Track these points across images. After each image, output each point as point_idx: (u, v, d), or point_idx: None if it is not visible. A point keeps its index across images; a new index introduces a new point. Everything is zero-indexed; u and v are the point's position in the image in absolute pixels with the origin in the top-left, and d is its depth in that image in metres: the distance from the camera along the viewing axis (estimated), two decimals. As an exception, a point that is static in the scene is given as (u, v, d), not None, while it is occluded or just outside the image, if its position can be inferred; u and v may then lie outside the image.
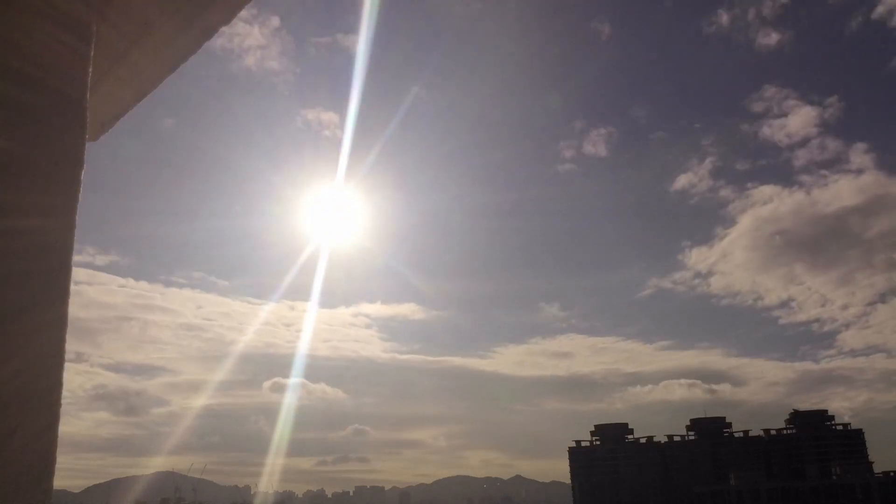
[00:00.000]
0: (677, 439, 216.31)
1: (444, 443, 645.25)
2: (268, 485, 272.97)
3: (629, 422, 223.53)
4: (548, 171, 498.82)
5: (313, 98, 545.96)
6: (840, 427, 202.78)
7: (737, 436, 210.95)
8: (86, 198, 1.84)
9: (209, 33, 2.25)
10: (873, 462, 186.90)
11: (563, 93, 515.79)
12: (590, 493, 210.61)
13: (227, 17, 2.22)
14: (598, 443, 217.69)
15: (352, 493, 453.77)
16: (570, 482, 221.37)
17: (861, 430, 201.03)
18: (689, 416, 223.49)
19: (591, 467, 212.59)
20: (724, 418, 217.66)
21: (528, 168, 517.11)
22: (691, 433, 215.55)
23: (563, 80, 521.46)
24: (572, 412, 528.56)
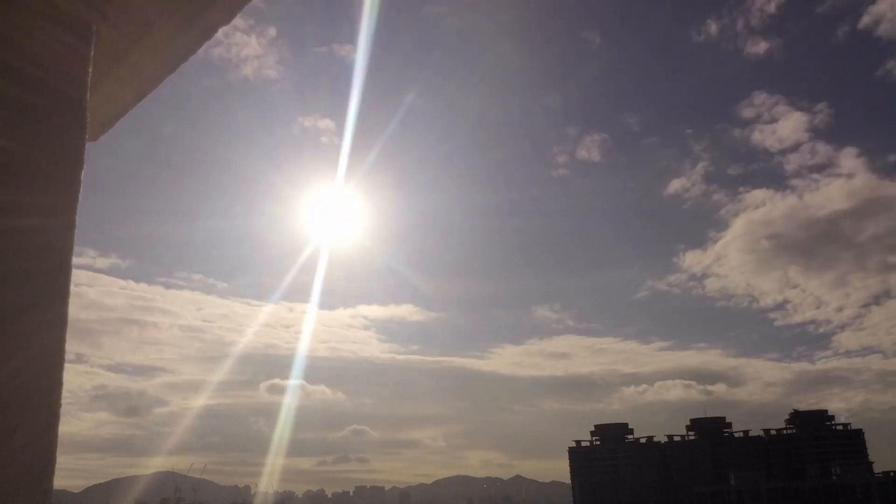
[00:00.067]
0: (677, 439, 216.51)
1: (444, 443, 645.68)
2: (268, 485, 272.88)
3: (628, 422, 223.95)
4: (543, 176, 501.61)
5: (310, 106, 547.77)
6: (840, 427, 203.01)
7: (737, 436, 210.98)
8: (86, 198, 1.84)
9: (209, 33, 2.25)
10: (873, 462, 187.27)
11: (556, 100, 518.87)
12: (590, 493, 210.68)
13: (228, 17, 2.21)
14: (598, 443, 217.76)
15: (352, 493, 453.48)
16: (570, 482, 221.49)
17: (861, 430, 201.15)
18: (689, 417, 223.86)
19: (591, 467, 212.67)
20: (724, 418, 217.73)
21: (523, 173, 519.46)
22: (691, 433, 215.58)
23: (555, 87, 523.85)
24: (571, 412, 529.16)
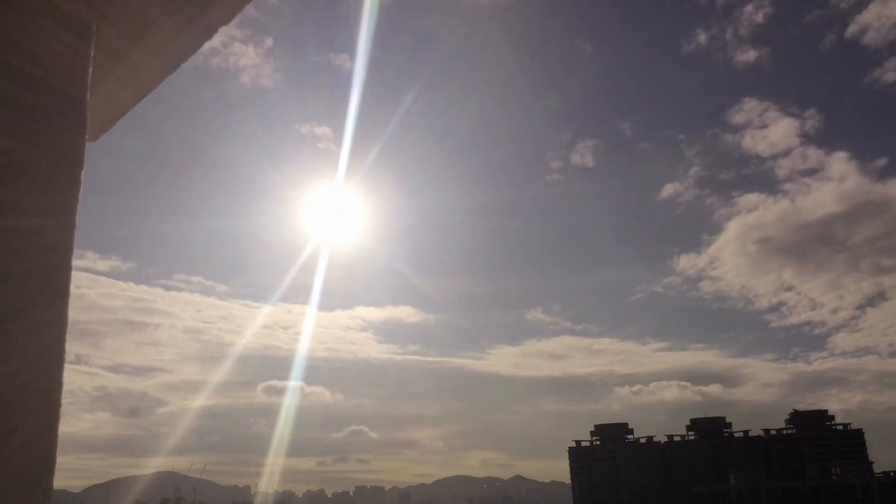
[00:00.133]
0: (677, 439, 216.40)
1: (443, 443, 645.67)
2: (268, 485, 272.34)
3: (627, 422, 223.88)
4: (538, 181, 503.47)
5: (307, 114, 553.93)
6: (840, 427, 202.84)
7: (737, 436, 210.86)
8: (86, 198, 1.84)
9: (209, 33, 2.24)
10: (873, 462, 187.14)
11: (550, 107, 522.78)
12: (590, 493, 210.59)
13: (228, 17, 2.21)
14: (598, 443, 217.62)
15: (352, 493, 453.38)
16: (570, 482, 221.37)
17: (861, 430, 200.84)
18: (687, 417, 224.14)
19: (591, 467, 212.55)
20: (723, 418, 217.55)
21: (518, 178, 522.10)
22: (691, 433, 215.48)
23: (549, 94, 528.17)
24: (569, 413, 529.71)
